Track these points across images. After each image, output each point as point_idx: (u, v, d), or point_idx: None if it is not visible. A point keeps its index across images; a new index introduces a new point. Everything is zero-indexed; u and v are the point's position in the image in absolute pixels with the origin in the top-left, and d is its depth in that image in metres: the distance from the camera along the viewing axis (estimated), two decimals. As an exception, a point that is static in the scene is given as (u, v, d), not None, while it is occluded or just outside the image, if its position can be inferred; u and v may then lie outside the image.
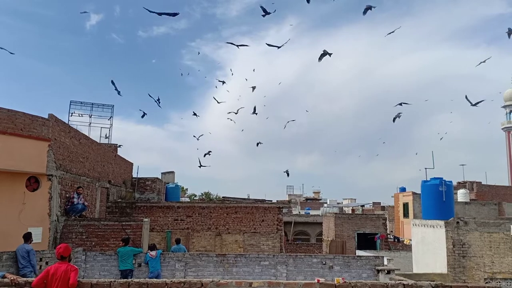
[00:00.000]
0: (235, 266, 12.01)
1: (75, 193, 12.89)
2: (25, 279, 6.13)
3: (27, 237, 9.91)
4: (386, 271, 11.73)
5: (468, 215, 25.05)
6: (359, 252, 20.66)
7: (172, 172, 27.94)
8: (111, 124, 23.10)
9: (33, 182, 11.46)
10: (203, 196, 60.66)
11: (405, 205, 31.92)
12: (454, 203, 16.69)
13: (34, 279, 5.97)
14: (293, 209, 51.37)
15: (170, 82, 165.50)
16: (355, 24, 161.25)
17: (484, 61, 14.33)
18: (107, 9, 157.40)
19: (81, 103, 22.96)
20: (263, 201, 22.11)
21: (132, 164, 22.15)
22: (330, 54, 14.20)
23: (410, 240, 18.98)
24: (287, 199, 64.74)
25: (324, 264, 12.23)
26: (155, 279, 6.56)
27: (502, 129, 61.42)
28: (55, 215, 11.83)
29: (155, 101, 18.10)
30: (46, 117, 11.76)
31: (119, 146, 22.41)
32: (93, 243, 12.14)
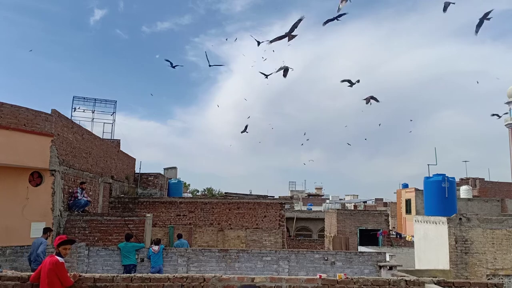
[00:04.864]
0: (237, 261, 12.04)
1: (78, 188, 12.93)
2: (28, 273, 6.15)
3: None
4: (388, 267, 11.74)
5: (471, 212, 25.00)
6: (361, 248, 20.66)
7: (175, 168, 27.96)
8: (114, 120, 23.16)
9: (36, 177, 11.50)
10: (206, 192, 60.76)
11: (408, 202, 31.88)
12: (456, 199, 16.64)
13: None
14: (295, 205, 51.42)
15: (174, 78, 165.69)
16: (360, 19, 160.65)
17: (499, 116, 14.02)
18: (111, 5, 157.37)
19: (84, 98, 23.01)
20: (265, 197, 22.14)
21: (134, 159, 22.19)
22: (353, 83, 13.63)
23: (412, 236, 18.97)
24: (289, 195, 64.81)
25: (326, 260, 12.25)
26: (158, 274, 6.57)
27: (506, 125, 61.12)
28: (58, 210, 11.88)
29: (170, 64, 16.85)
30: (49, 112, 11.78)
31: None
32: (96, 238, 12.19)
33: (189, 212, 18.16)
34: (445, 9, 11.11)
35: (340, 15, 10.36)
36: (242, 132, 20.18)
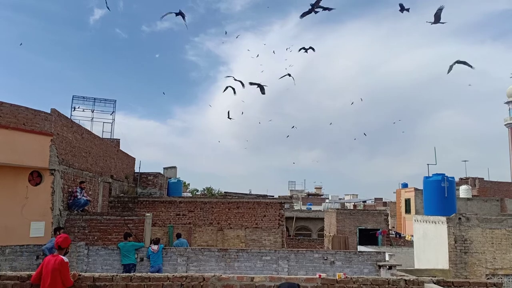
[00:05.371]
0: (237, 261, 12.04)
1: (78, 187, 12.93)
2: (28, 272, 6.15)
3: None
4: (387, 267, 11.74)
5: (470, 211, 25.00)
6: (361, 248, 20.67)
7: (174, 167, 27.96)
8: (113, 119, 23.14)
9: (35, 177, 11.49)
10: (205, 191, 60.76)
11: (407, 201, 31.88)
12: (456, 199, 16.65)
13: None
14: (295, 204, 51.40)
15: (174, 77, 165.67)
16: (360, 19, 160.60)
17: None
18: (110, 4, 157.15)
19: (84, 98, 22.98)
20: (265, 196, 22.14)
21: (134, 159, 22.17)
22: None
23: (412, 236, 18.97)
24: (289, 194, 64.79)
25: (326, 259, 12.25)
26: (157, 274, 6.58)
27: (505, 125, 61.23)
28: (57, 210, 11.87)
29: None
30: (49, 111, 11.77)
31: None
32: (96, 238, 12.18)
33: (189, 211, 18.16)
34: (402, 10, 10.87)
35: (314, 4, 10.17)
36: (228, 117, 20.08)
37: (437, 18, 10.41)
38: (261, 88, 14.30)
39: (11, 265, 10.04)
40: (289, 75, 14.68)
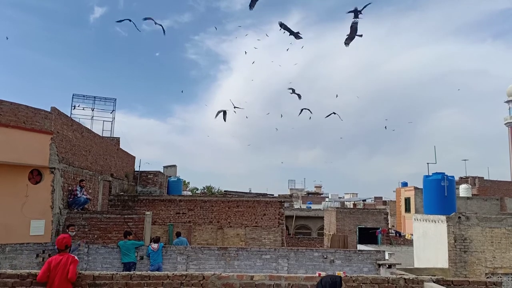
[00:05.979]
0: (237, 259, 12.05)
1: (78, 186, 12.94)
2: (28, 271, 6.15)
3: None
4: (387, 266, 11.76)
5: (470, 210, 25.01)
6: (360, 247, 20.69)
7: (174, 166, 27.97)
8: (113, 118, 23.11)
9: (35, 175, 11.50)
10: (205, 190, 60.76)
11: (407, 200, 31.91)
12: (456, 198, 16.65)
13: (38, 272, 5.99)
14: (295, 203, 51.39)
15: (174, 76, 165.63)
16: (360, 18, 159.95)
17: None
18: (111, 2, 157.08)
19: (84, 96, 22.95)
20: (264, 195, 22.12)
21: (134, 157, 22.17)
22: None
23: (412, 234, 18.99)
24: (289, 193, 64.79)
25: (325, 258, 12.26)
26: (157, 272, 6.58)
27: (505, 124, 61.16)
28: (57, 208, 11.88)
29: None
30: (49, 110, 11.77)
31: None
32: (96, 236, 12.19)
33: (189, 210, 18.16)
34: (355, 29, 10.74)
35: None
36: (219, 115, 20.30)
37: (353, 30, 10.37)
38: (224, 114, 15.39)
39: (11, 263, 10.05)
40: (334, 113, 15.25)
